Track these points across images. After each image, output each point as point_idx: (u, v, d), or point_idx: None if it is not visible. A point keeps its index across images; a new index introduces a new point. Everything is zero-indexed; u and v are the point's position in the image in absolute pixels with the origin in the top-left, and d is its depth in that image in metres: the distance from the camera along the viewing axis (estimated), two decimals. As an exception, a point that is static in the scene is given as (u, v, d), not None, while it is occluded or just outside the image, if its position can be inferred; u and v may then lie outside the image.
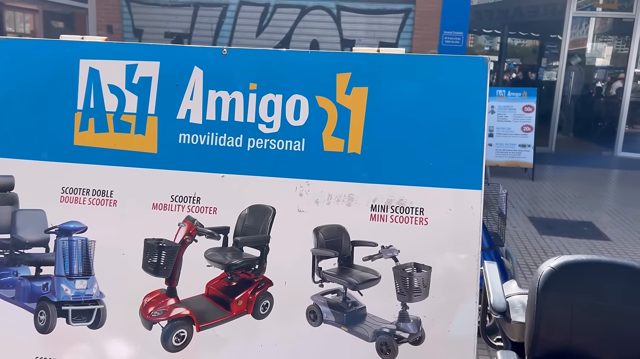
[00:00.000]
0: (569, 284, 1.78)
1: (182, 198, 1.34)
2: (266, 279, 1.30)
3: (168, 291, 1.31)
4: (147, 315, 1.30)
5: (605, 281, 1.79)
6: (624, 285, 1.80)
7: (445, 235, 1.25)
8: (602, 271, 1.81)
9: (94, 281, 1.33)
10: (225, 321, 1.30)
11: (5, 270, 1.35)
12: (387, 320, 1.25)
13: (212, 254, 1.32)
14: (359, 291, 1.28)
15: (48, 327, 1.32)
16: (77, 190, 1.36)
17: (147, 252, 1.32)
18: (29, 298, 1.33)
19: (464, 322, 1.22)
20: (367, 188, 1.29)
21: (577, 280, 1.79)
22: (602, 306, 1.76)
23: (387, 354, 1.25)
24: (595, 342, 1.79)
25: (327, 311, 1.28)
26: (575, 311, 1.76)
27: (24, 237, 1.35)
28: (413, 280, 1.25)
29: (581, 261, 1.83)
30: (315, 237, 1.30)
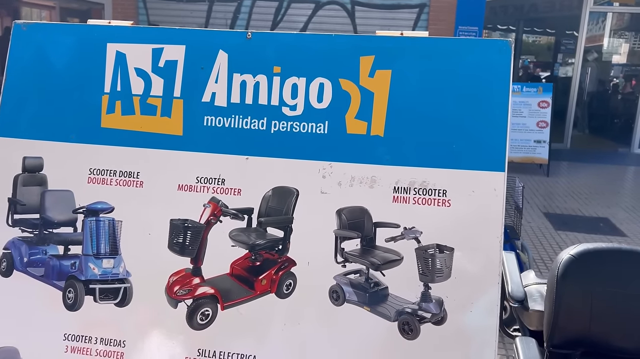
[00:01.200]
0: (588, 271, 1.78)
1: (207, 180, 1.36)
2: (289, 259, 1.32)
3: (193, 270, 1.33)
4: (172, 294, 1.33)
5: (625, 268, 1.78)
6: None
7: (468, 217, 1.26)
8: (622, 259, 1.80)
9: (120, 260, 1.35)
10: (249, 300, 1.32)
11: (35, 249, 1.38)
12: (410, 300, 1.27)
13: (236, 234, 1.34)
14: (382, 272, 1.29)
15: (76, 305, 1.35)
16: (104, 171, 1.39)
17: (172, 232, 1.35)
18: (57, 276, 1.36)
19: (486, 302, 1.23)
20: (389, 170, 1.30)
21: (597, 268, 1.79)
22: (622, 293, 1.76)
23: (409, 333, 1.26)
24: (615, 330, 1.78)
25: (350, 291, 1.30)
26: (595, 299, 1.75)
27: (53, 217, 1.38)
28: (435, 261, 1.27)
29: (601, 248, 1.82)
30: (338, 218, 1.31)
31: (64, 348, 1.34)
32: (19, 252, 1.37)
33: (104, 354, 1.33)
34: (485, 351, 1.22)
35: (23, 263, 1.37)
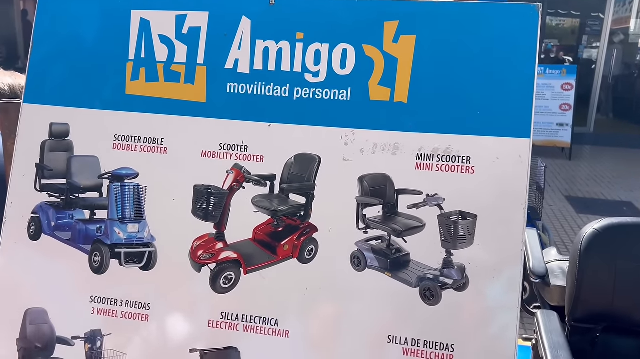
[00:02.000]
0: (612, 246, 1.77)
1: (230, 146, 1.37)
2: (311, 226, 1.33)
3: (217, 235, 1.35)
4: (196, 258, 1.34)
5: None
6: (670, 247, 1.77)
7: (491, 184, 1.25)
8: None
9: (145, 225, 1.37)
10: (271, 265, 1.33)
11: (62, 213, 1.40)
12: (431, 267, 1.27)
13: (259, 200, 1.35)
14: (403, 238, 1.30)
15: (102, 268, 1.37)
16: (129, 137, 1.40)
17: (196, 198, 1.36)
18: (84, 240, 1.39)
19: (509, 268, 1.22)
20: (413, 137, 1.30)
21: (621, 242, 1.77)
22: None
23: (430, 299, 1.26)
24: (638, 304, 1.77)
25: (371, 257, 1.30)
26: (619, 273, 1.74)
27: (79, 183, 1.41)
28: (458, 228, 1.26)
29: (625, 223, 1.80)
30: (360, 185, 1.32)
31: (91, 310, 1.37)
32: (47, 217, 1.40)
33: (129, 316, 1.36)
34: (508, 317, 1.22)
35: (51, 227, 1.40)
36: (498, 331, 1.24)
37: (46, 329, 1.38)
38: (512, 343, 1.22)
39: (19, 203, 1.42)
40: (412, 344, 1.25)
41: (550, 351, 1.51)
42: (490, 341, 1.24)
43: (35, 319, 1.38)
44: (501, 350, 1.22)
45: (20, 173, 1.43)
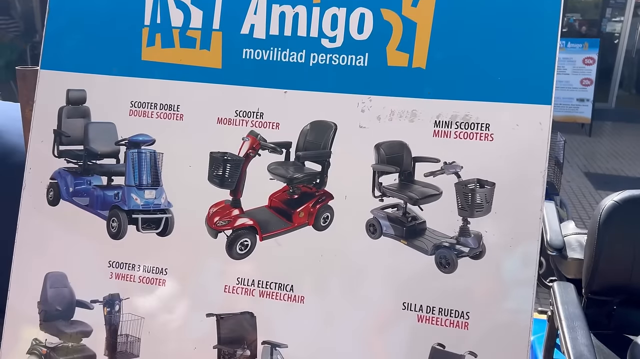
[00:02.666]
0: (631, 218, 1.74)
1: (246, 113, 1.36)
2: (327, 193, 1.32)
3: (233, 202, 1.35)
4: (212, 224, 1.35)
5: (672, 216, 1.73)
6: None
7: (511, 151, 1.23)
8: (669, 206, 1.75)
9: (162, 191, 1.38)
10: (286, 232, 1.34)
11: (80, 179, 1.42)
12: (447, 235, 1.26)
13: (274, 168, 1.35)
14: (420, 206, 1.29)
15: (120, 233, 1.39)
16: (145, 104, 1.40)
17: (212, 165, 1.36)
18: (101, 206, 1.40)
19: (526, 236, 1.21)
20: (431, 104, 1.28)
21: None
22: (667, 241, 1.72)
23: (446, 267, 1.26)
24: (657, 278, 1.75)
25: (387, 225, 1.30)
26: (638, 246, 1.72)
27: (96, 149, 1.42)
28: (475, 196, 1.25)
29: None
30: (377, 153, 1.30)
31: (109, 274, 1.39)
32: (65, 183, 1.41)
33: (147, 281, 1.38)
34: (524, 285, 1.21)
35: (69, 193, 1.41)
36: (514, 299, 1.23)
37: (66, 292, 1.40)
38: (528, 313, 1.21)
39: (38, 169, 1.44)
40: (427, 311, 1.25)
41: (566, 321, 1.50)
42: (506, 309, 1.23)
43: (55, 282, 1.41)
44: (517, 319, 1.21)
45: (38, 139, 1.44)
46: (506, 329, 1.23)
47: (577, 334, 1.47)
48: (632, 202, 1.74)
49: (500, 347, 1.23)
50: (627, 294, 1.78)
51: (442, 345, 1.25)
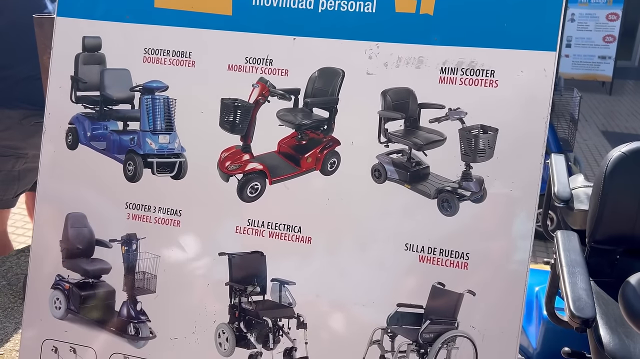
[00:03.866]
0: (638, 169, 1.75)
1: (256, 60, 1.39)
2: (334, 139, 1.36)
3: (243, 147, 1.40)
4: (224, 168, 1.40)
5: (679, 167, 1.74)
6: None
7: (514, 97, 1.25)
8: (676, 158, 1.75)
9: (175, 136, 1.43)
10: (295, 176, 1.38)
11: (97, 124, 1.47)
12: (450, 179, 1.30)
13: (283, 114, 1.39)
14: (424, 152, 1.32)
15: (136, 176, 1.45)
16: (158, 51, 1.44)
17: (223, 111, 1.40)
18: (118, 150, 1.46)
19: (526, 181, 1.24)
20: (437, 50, 1.29)
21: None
22: (673, 192, 1.73)
23: (447, 210, 1.30)
24: (660, 228, 1.77)
25: (392, 170, 1.33)
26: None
27: (112, 95, 1.46)
28: (478, 142, 1.28)
29: (655, 146, 1.77)
30: (383, 99, 1.33)
31: (126, 216, 1.46)
32: (83, 127, 1.47)
33: (162, 221, 1.44)
34: (523, 227, 1.25)
35: (87, 137, 1.47)
36: (513, 241, 1.28)
37: (86, 232, 1.48)
38: (527, 253, 1.26)
39: (57, 114, 1.49)
40: (428, 252, 1.31)
41: (567, 268, 1.54)
42: (504, 251, 1.28)
43: (75, 223, 1.48)
44: (515, 260, 1.26)
45: (56, 85, 1.49)
46: (504, 271, 1.28)
47: (576, 279, 1.51)
48: (639, 154, 1.75)
49: (498, 288, 1.28)
50: (630, 244, 1.80)
51: (442, 284, 1.30)
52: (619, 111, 6.45)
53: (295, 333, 1.39)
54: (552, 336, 2.20)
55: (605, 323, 1.57)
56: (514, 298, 1.27)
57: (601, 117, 6.11)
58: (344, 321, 1.37)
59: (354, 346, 1.35)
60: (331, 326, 1.37)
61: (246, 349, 1.41)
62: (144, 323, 1.45)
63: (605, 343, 1.49)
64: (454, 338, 1.30)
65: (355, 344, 1.35)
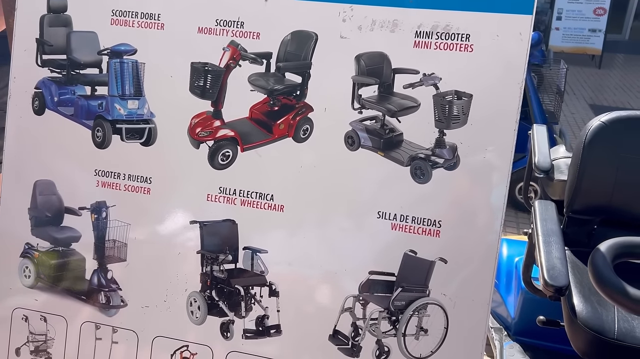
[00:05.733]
0: (617, 138, 1.74)
1: (226, 22, 1.35)
2: (307, 105, 1.33)
3: (214, 113, 1.37)
4: (194, 135, 1.37)
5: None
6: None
7: (489, 62, 1.23)
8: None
9: (144, 101, 1.40)
10: (267, 143, 1.36)
11: (64, 89, 1.43)
12: (423, 146, 1.27)
13: (255, 79, 1.35)
14: (397, 118, 1.30)
15: (104, 143, 1.42)
16: (126, 13, 1.39)
17: (193, 75, 1.36)
18: (86, 116, 1.42)
19: (500, 148, 1.22)
20: (412, 13, 1.26)
21: (627, 135, 1.74)
22: (651, 162, 1.73)
23: (420, 177, 1.28)
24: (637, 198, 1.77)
25: (365, 137, 1.31)
26: (621, 166, 1.73)
27: (79, 58, 1.42)
28: (453, 108, 1.25)
29: (634, 116, 1.76)
30: (357, 64, 1.30)
31: (95, 183, 1.43)
32: (50, 92, 1.43)
33: (132, 189, 1.42)
34: (496, 194, 1.24)
35: (54, 102, 1.43)
36: (485, 210, 1.27)
37: (54, 199, 1.45)
38: (499, 220, 1.25)
39: (22, 78, 1.45)
40: (400, 220, 1.29)
41: (543, 237, 1.54)
42: (477, 218, 1.27)
43: (44, 190, 1.45)
44: (487, 227, 1.25)
45: (21, 48, 1.44)
46: (477, 239, 1.27)
47: (552, 248, 1.51)
48: (618, 123, 1.74)
49: (470, 255, 1.28)
50: (607, 214, 1.81)
51: (414, 251, 1.29)
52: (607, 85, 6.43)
53: (268, 301, 1.38)
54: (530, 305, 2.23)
55: (579, 291, 1.58)
56: (486, 266, 1.26)
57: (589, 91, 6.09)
58: (316, 289, 1.36)
59: (325, 314, 1.35)
60: (303, 294, 1.37)
61: (218, 318, 1.40)
62: (115, 291, 1.43)
63: (578, 311, 1.50)
64: (425, 306, 1.30)
65: (327, 312, 1.35)
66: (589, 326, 1.44)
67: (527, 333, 2.24)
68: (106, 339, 1.45)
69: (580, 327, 1.45)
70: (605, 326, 1.46)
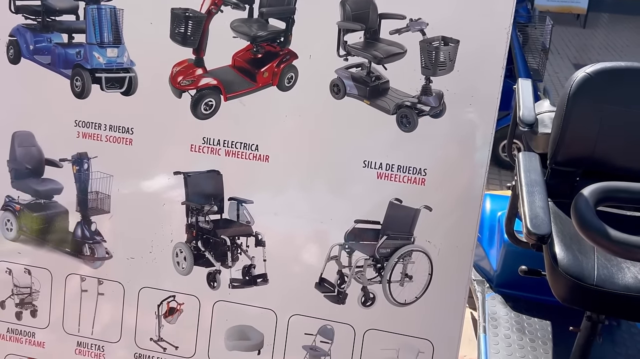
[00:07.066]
0: (602, 89, 1.74)
1: (207, -34, 1.30)
2: (291, 52, 1.31)
3: (196, 61, 1.33)
4: (176, 84, 1.34)
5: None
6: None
7: (476, 7, 1.21)
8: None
9: (124, 49, 1.36)
10: (251, 92, 1.33)
11: (40, 37, 1.38)
12: (409, 94, 1.26)
13: (237, 25, 1.32)
14: (384, 65, 1.28)
15: (84, 93, 1.38)
16: (102, -44, 1.34)
17: (174, 21, 1.32)
18: (64, 65, 1.38)
19: (486, 94, 1.22)
20: (398, -44, 1.22)
21: (611, 87, 1.74)
22: (636, 113, 1.73)
23: (406, 126, 1.28)
24: (620, 150, 1.78)
25: (351, 85, 1.29)
26: (605, 117, 1.73)
27: (54, 4, 1.36)
28: (439, 54, 1.24)
29: (619, 67, 1.76)
30: (342, 9, 1.27)
31: (76, 134, 1.40)
32: (25, 40, 1.38)
33: (114, 139, 1.39)
34: (481, 141, 1.24)
35: (29, 51, 1.38)
36: (470, 158, 1.27)
37: (34, 151, 1.42)
38: (483, 168, 1.25)
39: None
40: (386, 169, 1.29)
41: (526, 187, 1.55)
42: (462, 167, 1.27)
43: (23, 141, 1.42)
44: (472, 176, 1.25)
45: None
46: (462, 185, 1.28)
47: (535, 198, 1.52)
48: (603, 74, 1.73)
49: (455, 202, 1.28)
50: (589, 166, 1.82)
51: (400, 200, 1.30)
52: (592, 44, 6.43)
53: (254, 251, 1.38)
54: (512, 257, 2.26)
55: (561, 240, 1.60)
56: (470, 212, 1.27)
57: (574, 50, 6.09)
58: (302, 239, 1.37)
59: (312, 262, 1.35)
60: (289, 244, 1.37)
61: (204, 268, 1.40)
62: (100, 243, 1.42)
63: (560, 259, 1.52)
64: (410, 253, 1.31)
65: (313, 260, 1.35)
66: (570, 273, 1.47)
67: (509, 284, 2.28)
68: (92, 291, 1.45)
69: (561, 274, 1.48)
70: (585, 272, 1.48)
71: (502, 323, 2.10)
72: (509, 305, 2.23)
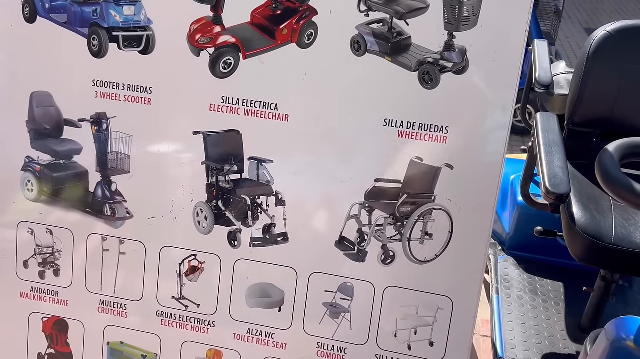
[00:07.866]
0: (622, 48, 1.71)
1: None
2: (311, 8, 1.29)
3: (214, 18, 1.31)
4: (194, 42, 1.33)
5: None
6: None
7: (502, -41, 1.18)
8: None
9: (141, 7, 1.34)
10: (270, 50, 1.32)
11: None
12: (432, 50, 1.25)
13: (256, -19, 1.29)
14: (406, 21, 1.26)
15: (101, 52, 1.37)
16: None
17: (191, -22, 1.30)
18: (80, 23, 1.36)
19: (510, 49, 1.20)
20: None
21: (632, 46, 1.71)
22: (655, 74, 1.71)
23: (428, 83, 1.26)
24: (638, 110, 1.77)
25: (372, 41, 1.28)
26: (624, 77, 1.71)
27: (69, -39, 1.34)
28: (463, 9, 1.21)
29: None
30: (363, -36, 1.24)
31: (94, 94, 1.39)
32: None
33: (132, 99, 1.38)
34: (505, 97, 1.23)
35: (45, 9, 1.37)
36: (493, 116, 1.26)
37: (53, 111, 1.42)
38: (506, 127, 1.25)
39: (10, -17, 1.37)
40: (407, 127, 1.28)
41: (545, 147, 1.55)
42: (484, 124, 1.27)
43: (41, 102, 1.41)
44: (494, 129, 1.25)
45: (6, -50, 1.36)
46: (483, 145, 1.28)
47: (553, 157, 1.51)
48: (624, 33, 1.70)
49: (477, 160, 1.28)
50: (607, 126, 1.80)
51: (421, 158, 1.29)
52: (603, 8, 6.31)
53: (274, 210, 1.39)
54: (525, 220, 2.26)
55: (578, 200, 1.60)
56: (492, 170, 1.27)
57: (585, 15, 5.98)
58: (322, 198, 1.37)
59: (332, 221, 1.36)
60: (309, 203, 1.38)
61: (225, 227, 1.41)
62: (120, 203, 1.43)
63: (577, 219, 1.53)
64: (430, 211, 1.31)
65: (333, 219, 1.36)
66: (587, 232, 1.47)
67: (522, 247, 2.29)
68: (114, 250, 1.46)
69: (579, 234, 1.48)
70: (602, 232, 1.49)
71: (514, 285, 2.12)
72: (522, 267, 2.24)
